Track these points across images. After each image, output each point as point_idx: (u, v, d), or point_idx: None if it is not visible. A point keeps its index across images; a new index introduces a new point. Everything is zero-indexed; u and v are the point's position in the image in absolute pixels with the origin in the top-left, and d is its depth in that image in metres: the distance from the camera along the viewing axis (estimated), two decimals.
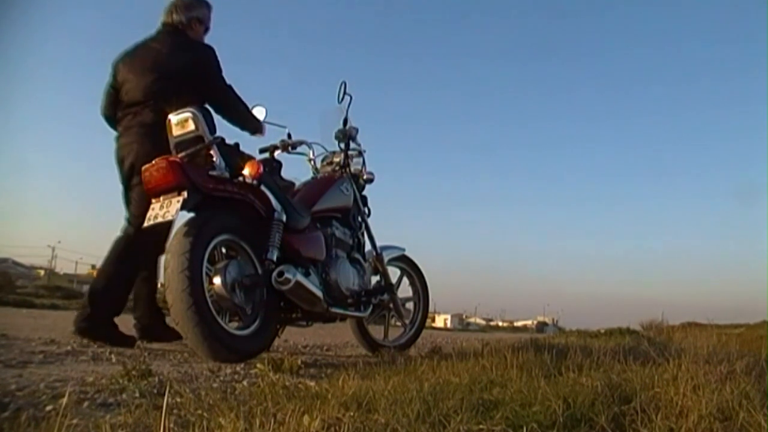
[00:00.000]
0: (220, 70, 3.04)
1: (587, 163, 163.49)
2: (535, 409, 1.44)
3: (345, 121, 3.48)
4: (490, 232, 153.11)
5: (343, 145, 3.51)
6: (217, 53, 3.04)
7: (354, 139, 3.53)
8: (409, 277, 3.88)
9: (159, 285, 3.00)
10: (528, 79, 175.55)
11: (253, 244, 2.68)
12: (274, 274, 2.62)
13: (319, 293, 2.81)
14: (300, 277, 2.67)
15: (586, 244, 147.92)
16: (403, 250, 3.79)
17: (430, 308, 4.12)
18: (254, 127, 3.21)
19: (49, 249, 54.88)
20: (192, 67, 2.99)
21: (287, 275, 2.61)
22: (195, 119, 2.56)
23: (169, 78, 2.94)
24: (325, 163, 3.56)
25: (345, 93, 3.46)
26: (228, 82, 3.05)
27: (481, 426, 1.30)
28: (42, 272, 47.70)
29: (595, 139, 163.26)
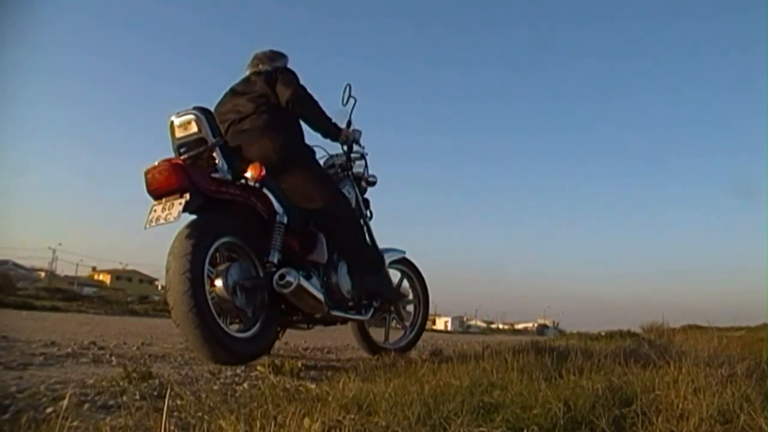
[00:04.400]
0: (290, 73, 3.12)
1: (588, 167, 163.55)
2: (535, 411, 1.44)
3: (348, 124, 3.48)
4: (491, 235, 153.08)
5: (345, 148, 3.52)
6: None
7: (357, 142, 3.54)
8: (410, 280, 3.88)
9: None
10: (529, 85, 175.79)
11: (254, 246, 2.68)
12: (276, 276, 2.61)
13: (320, 296, 2.80)
14: (301, 281, 2.66)
15: (587, 247, 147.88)
16: (404, 252, 3.78)
17: (431, 310, 4.11)
18: (333, 132, 3.29)
19: (49, 251, 55.11)
20: (272, 81, 3.04)
21: (288, 278, 2.60)
22: (198, 121, 2.55)
23: (264, 104, 3.00)
24: (327, 165, 3.56)
25: (350, 96, 3.46)
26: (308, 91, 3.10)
27: (481, 428, 1.30)
28: (42, 274, 47.74)
29: (596, 143, 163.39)
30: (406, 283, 3.87)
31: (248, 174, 2.62)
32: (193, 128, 2.55)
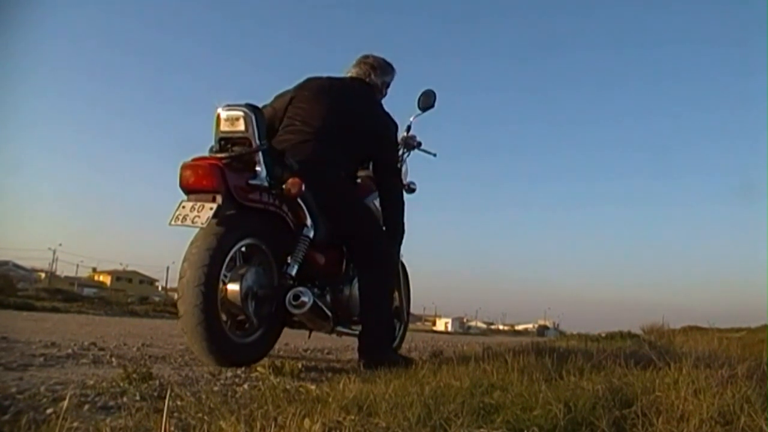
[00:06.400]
0: (396, 147, 3.07)
1: (588, 166, 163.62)
2: (536, 412, 1.44)
3: (408, 129, 3.46)
4: (492, 236, 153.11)
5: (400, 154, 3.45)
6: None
7: (414, 148, 3.53)
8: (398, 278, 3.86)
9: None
10: (529, 79, 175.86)
11: (276, 251, 2.61)
12: (290, 296, 2.52)
13: (329, 314, 2.74)
14: (315, 302, 2.58)
15: (587, 248, 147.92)
16: (402, 255, 3.78)
17: (432, 311, 4.13)
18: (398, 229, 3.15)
19: (50, 252, 55.16)
20: (374, 133, 2.95)
21: (303, 299, 2.51)
22: (246, 119, 2.45)
23: (345, 130, 2.87)
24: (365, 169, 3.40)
25: (432, 105, 3.42)
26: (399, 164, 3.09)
27: (481, 429, 1.30)
28: (43, 275, 47.77)
29: (597, 142, 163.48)
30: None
31: (287, 186, 2.52)
32: (240, 126, 2.45)
